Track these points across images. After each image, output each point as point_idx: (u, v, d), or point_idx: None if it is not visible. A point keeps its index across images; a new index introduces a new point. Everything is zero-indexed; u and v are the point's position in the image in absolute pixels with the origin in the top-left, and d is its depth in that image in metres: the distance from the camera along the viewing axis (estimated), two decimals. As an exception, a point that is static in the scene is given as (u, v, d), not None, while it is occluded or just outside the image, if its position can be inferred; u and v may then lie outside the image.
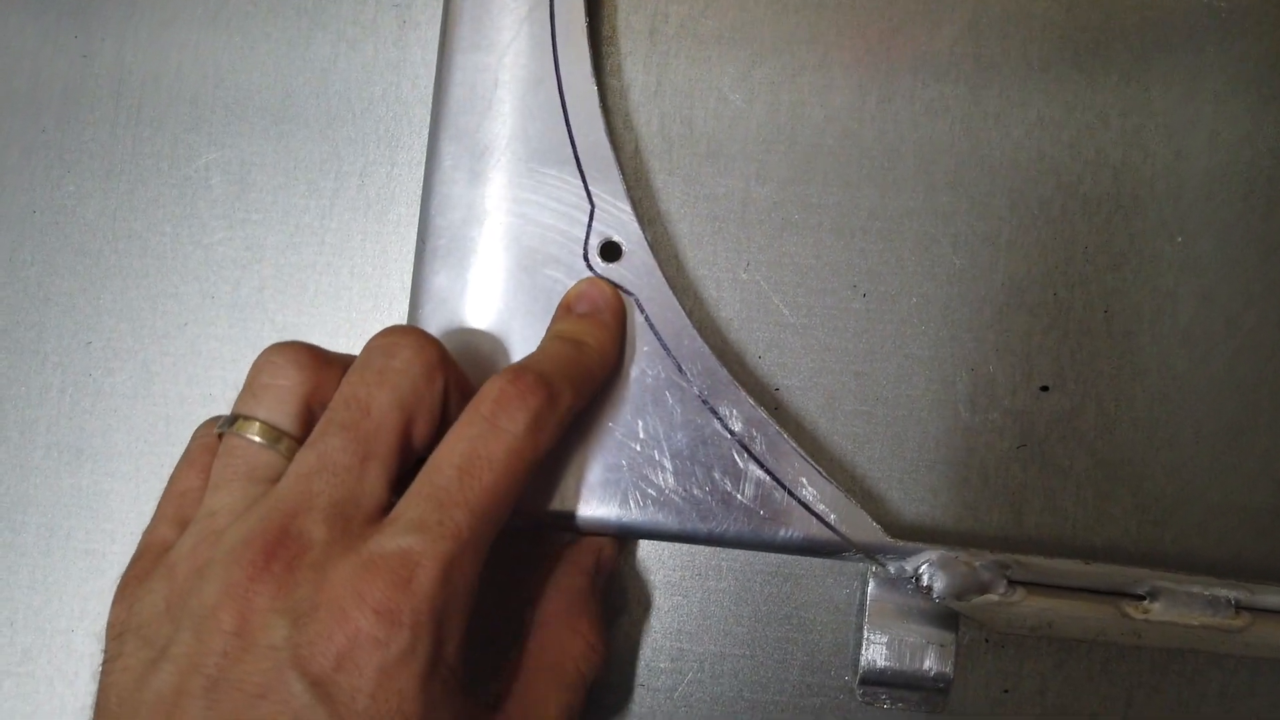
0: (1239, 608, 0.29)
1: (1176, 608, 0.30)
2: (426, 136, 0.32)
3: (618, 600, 0.32)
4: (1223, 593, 0.29)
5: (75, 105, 0.35)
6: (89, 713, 0.33)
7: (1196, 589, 0.30)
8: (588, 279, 0.30)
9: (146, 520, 0.33)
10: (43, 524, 0.33)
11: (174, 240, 0.34)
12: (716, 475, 0.30)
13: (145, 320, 0.34)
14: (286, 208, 0.34)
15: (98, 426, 0.34)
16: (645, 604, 0.32)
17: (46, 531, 0.33)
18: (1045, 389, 0.32)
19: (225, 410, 0.32)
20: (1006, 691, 0.32)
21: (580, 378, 0.28)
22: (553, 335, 0.30)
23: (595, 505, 0.30)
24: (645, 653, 0.32)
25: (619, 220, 0.31)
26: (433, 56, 0.33)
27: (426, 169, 0.31)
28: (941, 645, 0.31)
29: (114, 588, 0.33)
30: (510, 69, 0.31)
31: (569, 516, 0.30)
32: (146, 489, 0.33)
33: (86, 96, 0.35)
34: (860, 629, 0.31)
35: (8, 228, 0.34)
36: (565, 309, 0.30)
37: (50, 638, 0.33)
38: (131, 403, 0.34)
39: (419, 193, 0.32)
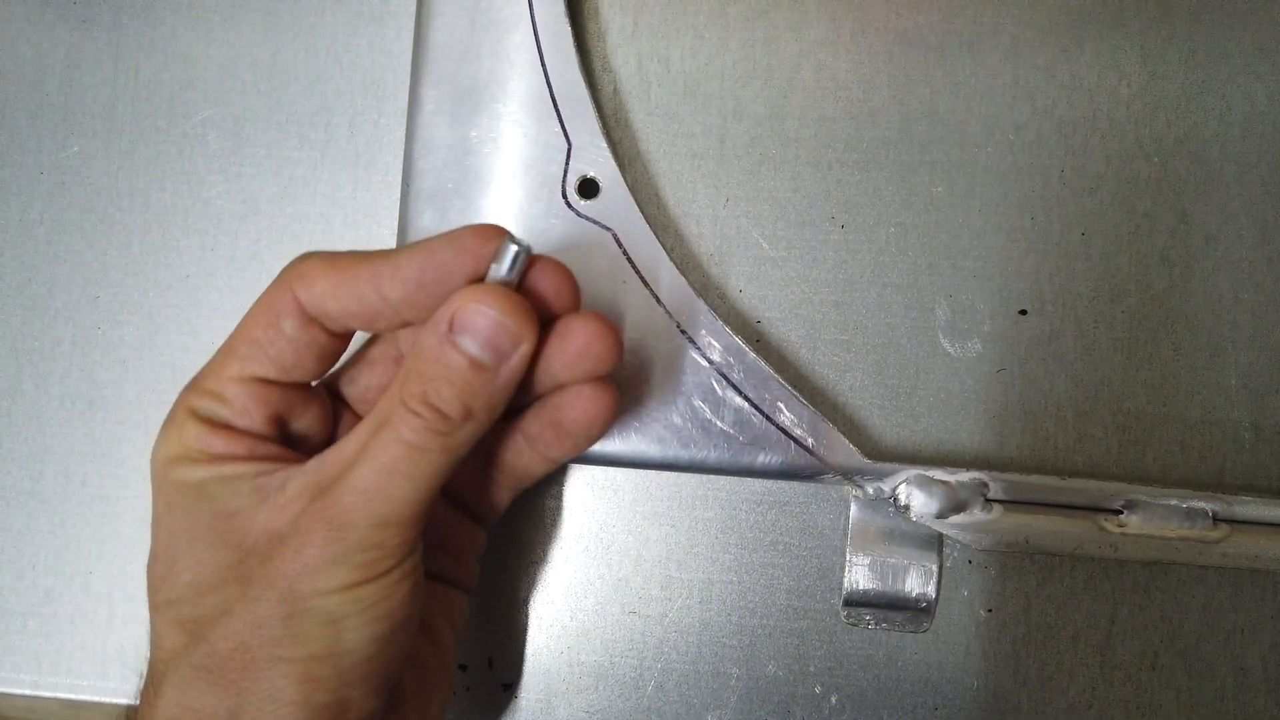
0: (1216, 519, 0.30)
1: (1153, 520, 0.30)
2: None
3: (607, 532, 0.33)
4: (1199, 504, 0.30)
5: (76, 69, 0.36)
6: (107, 650, 0.34)
7: (1173, 501, 0.30)
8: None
9: (156, 464, 0.35)
10: (59, 472, 0.35)
11: (174, 196, 0.35)
12: (696, 403, 0.31)
13: (149, 274, 0.35)
14: (279, 160, 0.35)
15: (108, 377, 0.35)
16: (634, 534, 0.33)
17: (63, 479, 0.35)
18: (1024, 313, 0.32)
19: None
20: (990, 611, 0.32)
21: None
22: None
23: (579, 435, 0.31)
24: (635, 581, 0.33)
25: (596, 158, 0.31)
26: (414, 6, 0.33)
27: (409, 114, 0.32)
28: (924, 566, 0.31)
29: (128, 530, 0.35)
30: (486, 13, 0.32)
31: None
32: (154, 436, 0.35)
33: (87, 60, 0.36)
34: (844, 552, 0.32)
35: (18, 189, 0.36)
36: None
37: (70, 579, 0.35)
38: (139, 353, 0.35)
39: (403, 140, 0.33)
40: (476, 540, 0.31)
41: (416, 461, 0.24)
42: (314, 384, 0.28)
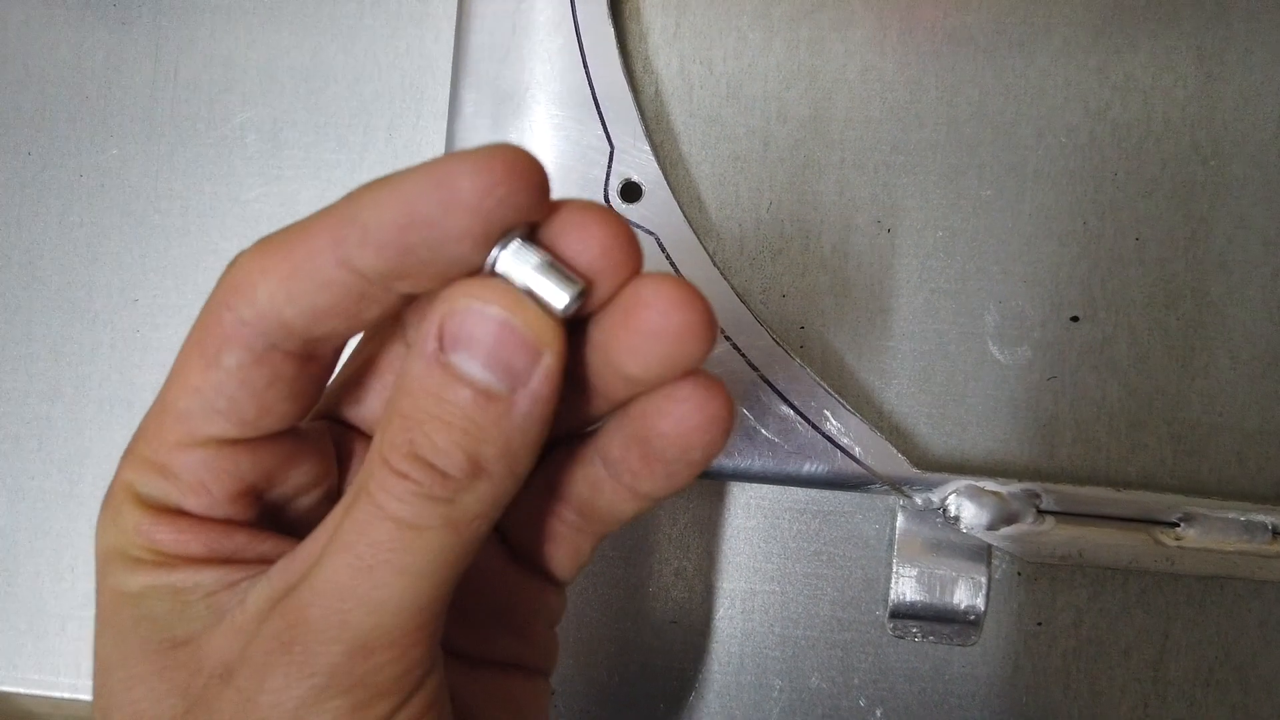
0: (1276, 533, 0.29)
1: (1211, 534, 0.29)
2: (449, 86, 0.33)
3: (649, 542, 0.33)
4: (1259, 518, 0.29)
5: (116, 72, 0.36)
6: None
7: (1231, 514, 0.29)
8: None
9: (194, 469, 0.35)
10: (98, 475, 0.35)
11: (213, 198, 0.35)
12: (740, 410, 0.30)
13: (188, 276, 0.35)
14: (318, 163, 0.35)
15: (146, 380, 0.35)
16: (676, 543, 0.33)
17: (102, 482, 0.35)
18: (1075, 319, 0.32)
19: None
20: (1040, 624, 0.31)
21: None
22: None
23: (621, 442, 0.30)
24: (677, 591, 0.33)
25: (639, 161, 0.31)
26: (454, 8, 0.33)
27: (449, 117, 0.32)
28: (972, 578, 0.31)
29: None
30: (528, 15, 0.31)
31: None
32: (194, 439, 0.35)
33: (126, 63, 0.36)
34: (890, 563, 0.31)
35: (57, 191, 0.36)
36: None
37: (109, 583, 0.35)
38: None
39: (444, 143, 0.33)
40: (550, 606, 0.23)
41: (410, 547, 0.17)
42: (302, 424, 0.20)
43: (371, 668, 0.17)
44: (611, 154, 0.31)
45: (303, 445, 0.20)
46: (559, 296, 0.17)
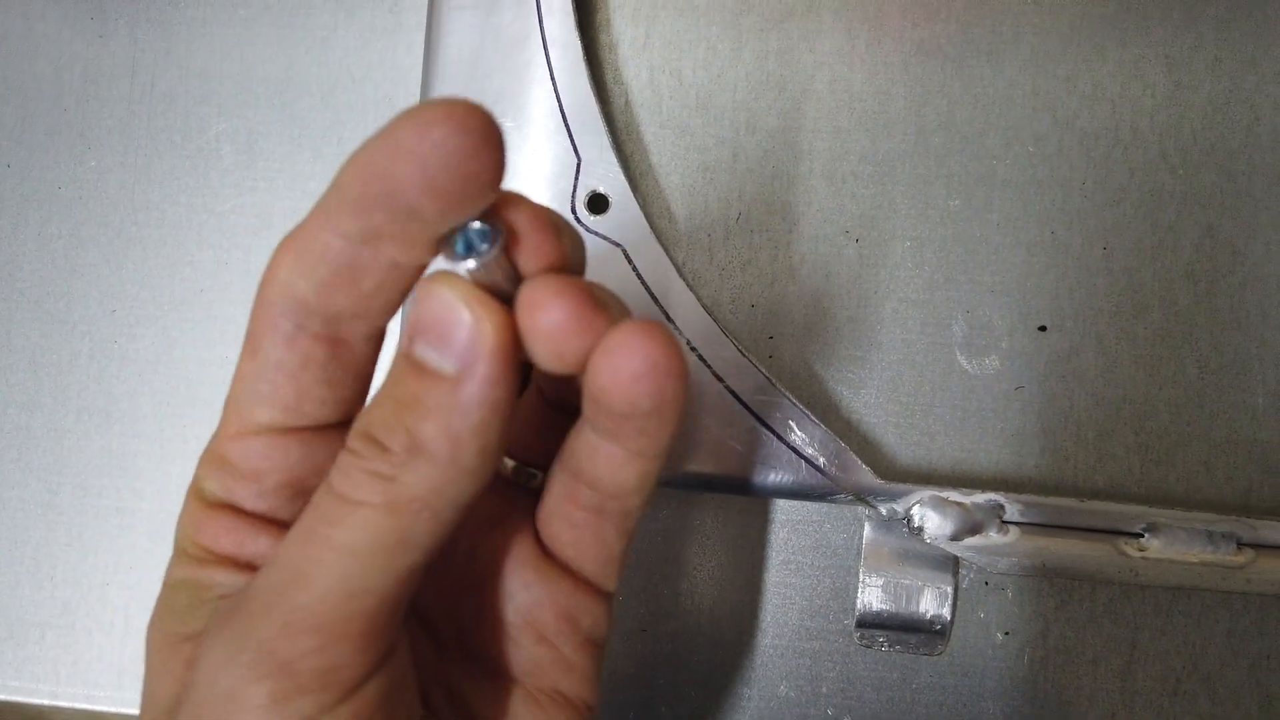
0: (1240, 544, 0.29)
1: (1175, 545, 0.29)
2: (420, 98, 0.33)
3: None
4: (1223, 528, 0.29)
5: (94, 84, 0.36)
6: (124, 660, 0.35)
7: (1196, 525, 0.29)
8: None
9: (171, 479, 0.35)
10: (77, 484, 0.35)
11: (189, 210, 0.35)
12: (706, 421, 0.30)
13: (164, 288, 0.35)
14: (293, 174, 0.35)
15: (124, 390, 0.35)
16: (644, 553, 0.33)
17: (80, 491, 0.35)
18: (1043, 329, 0.32)
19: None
20: (1007, 634, 0.31)
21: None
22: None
23: (587, 453, 0.30)
24: (646, 598, 0.33)
25: (606, 173, 0.31)
26: (424, 20, 0.33)
27: (418, 130, 0.32)
28: (939, 588, 0.31)
29: (145, 542, 0.35)
30: (496, 28, 0.32)
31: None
32: (170, 449, 0.35)
33: (104, 76, 0.36)
34: (858, 573, 0.31)
35: (36, 203, 0.36)
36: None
37: (87, 591, 0.35)
38: (154, 367, 0.35)
39: (415, 154, 0.33)
40: (588, 618, 0.22)
41: (345, 522, 0.17)
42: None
43: (296, 653, 0.16)
44: (579, 166, 0.31)
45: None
46: (468, 268, 0.17)
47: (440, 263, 0.18)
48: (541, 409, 0.23)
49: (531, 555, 0.21)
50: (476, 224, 0.17)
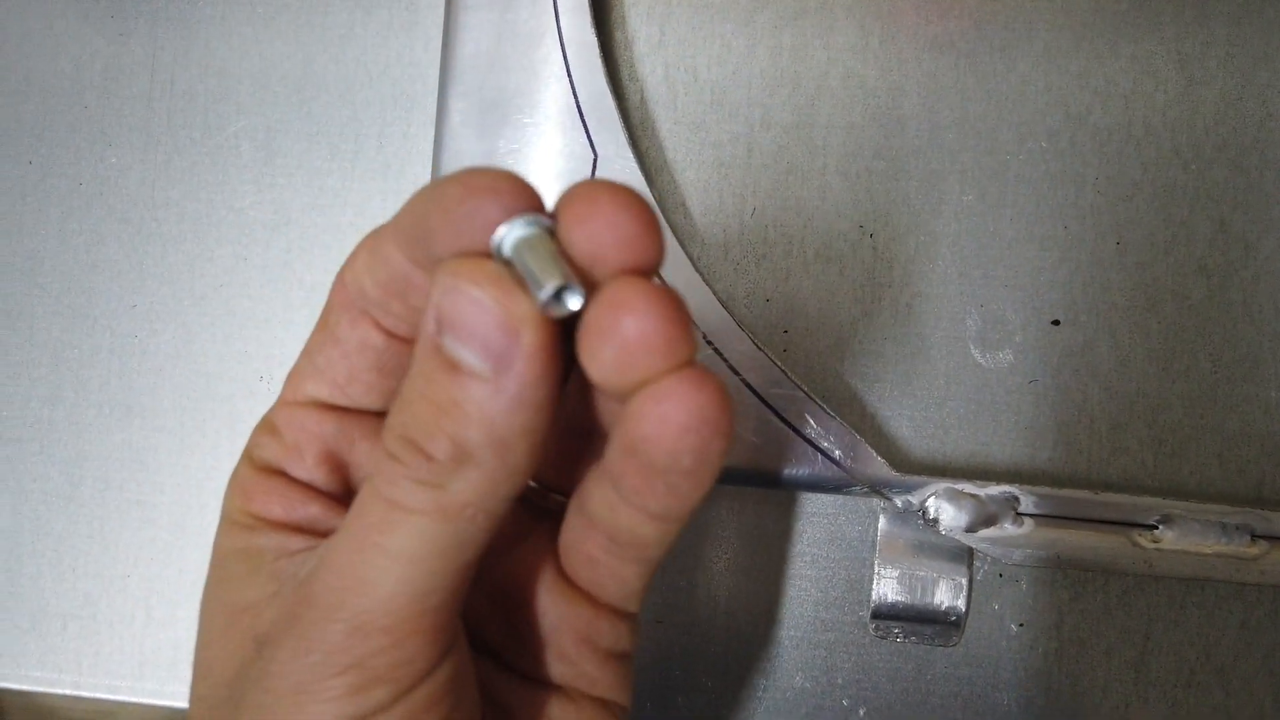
0: (1254, 536, 0.29)
1: (1189, 536, 0.29)
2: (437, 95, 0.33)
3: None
4: (1237, 520, 0.29)
5: (114, 82, 0.37)
6: (144, 652, 0.35)
7: (1210, 517, 0.29)
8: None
9: (191, 473, 0.35)
10: (98, 477, 0.36)
11: (208, 206, 0.36)
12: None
13: (184, 283, 0.36)
14: (310, 171, 0.35)
15: (144, 384, 0.36)
16: (661, 544, 0.33)
17: (101, 484, 0.36)
18: (1056, 323, 0.32)
19: (261, 367, 0.34)
20: (1021, 625, 0.32)
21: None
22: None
23: (605, 445, 0.31)
24: (661, 590, 0.33)
25: (622, 169, 0.31)
26: (442, 17, 0.34)
27: (437, 126, 0.32)
28: (954, 579, 0.31)
29: (165, 535, 0.35)
30: (513, 25, 0.32)
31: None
32: (190, 442, 0.35)
33: (124, 73, 0.37)
34: (872, 564, 0.31)
35: (57, 200, 0.36)
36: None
37: (108, 583, 0.35)
38: (174, 361, 0.36)
39: (432, 150, 0.33)
40: (607, 640, 0.21)
41: (399, 530, 0.17)
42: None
43: (368, 651, 0.17)
44: (595, 161, 0.31)
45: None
46: (538, 284, 0.16)
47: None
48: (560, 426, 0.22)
49: (551, 578, 0.21)
50: (519, 226, 0.16)
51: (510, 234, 0.16)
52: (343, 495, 0.20)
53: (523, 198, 0.16)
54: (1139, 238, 0.32)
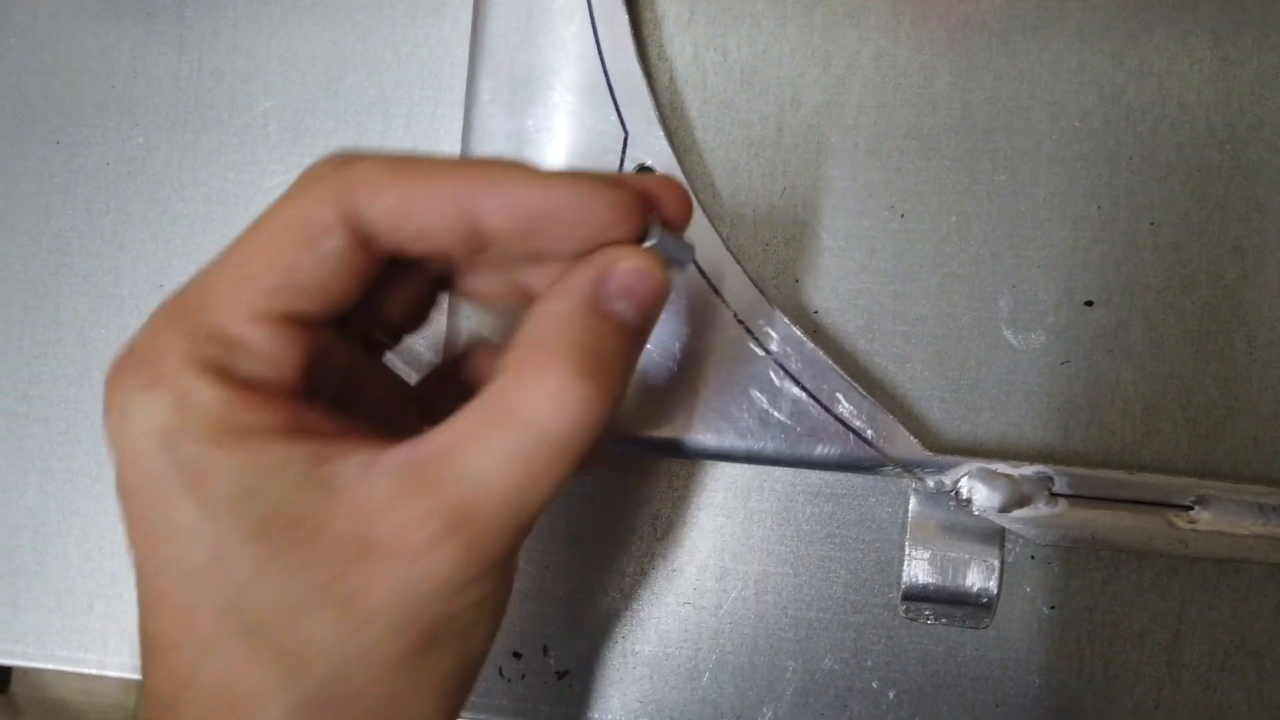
0: (1291, 516, 0.29)
1: (1225, 516, 0.29)
2: (466, 74, 0.33)
3: (662, 522, 0.33)
4: (1274, 501, 0.29)
5: (142, 62, 0.36)
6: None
7: (1247, 497, 0.29)
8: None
9: (217, 451, 0.35)
10: (124, 457, 0.36)
11: (236, 186, 0.36)
12: (754, 394, 0.30)
13: (211, 263, 0.36)
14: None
15: (171, 364, 0.36)
16: (690, 524, 0.33)
17: (128, 464, 0.36)
18: (1089, 304, 0.32)
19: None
20: (1053, 607, 0.31)
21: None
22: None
23: (633, 425, 0.31)
24: (690, 572, 0.33)
25: (653, 147, 0.31)
26: (471, -4, 0.34)
27: (466, 104, 0.32)
28: (985, 561, 0.31)
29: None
30: (544, 2, 0.32)
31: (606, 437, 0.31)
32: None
33: (151, 54, 0.37)
34: (903, 546, 0.31)
35: (85, 179, 0.36)
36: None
37: (134, 563, 0.35)
38: (201, 341, 0.36)
39: (461, 130, 0.33)
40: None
41: (555, 447, 0.20)
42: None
43: (519, 540, 0.20)
44: (625, 139, 0.31)
45: (337, 340, 0.22)
46: (677, 263, 0.23)
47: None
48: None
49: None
50: (659, 224, 0.22)
51: (653, 229, 0.22)
52: (311, 399, 0.21)
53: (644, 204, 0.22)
54: (1173, 218, 0.32)
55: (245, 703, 0.19)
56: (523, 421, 0.19)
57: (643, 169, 0.31)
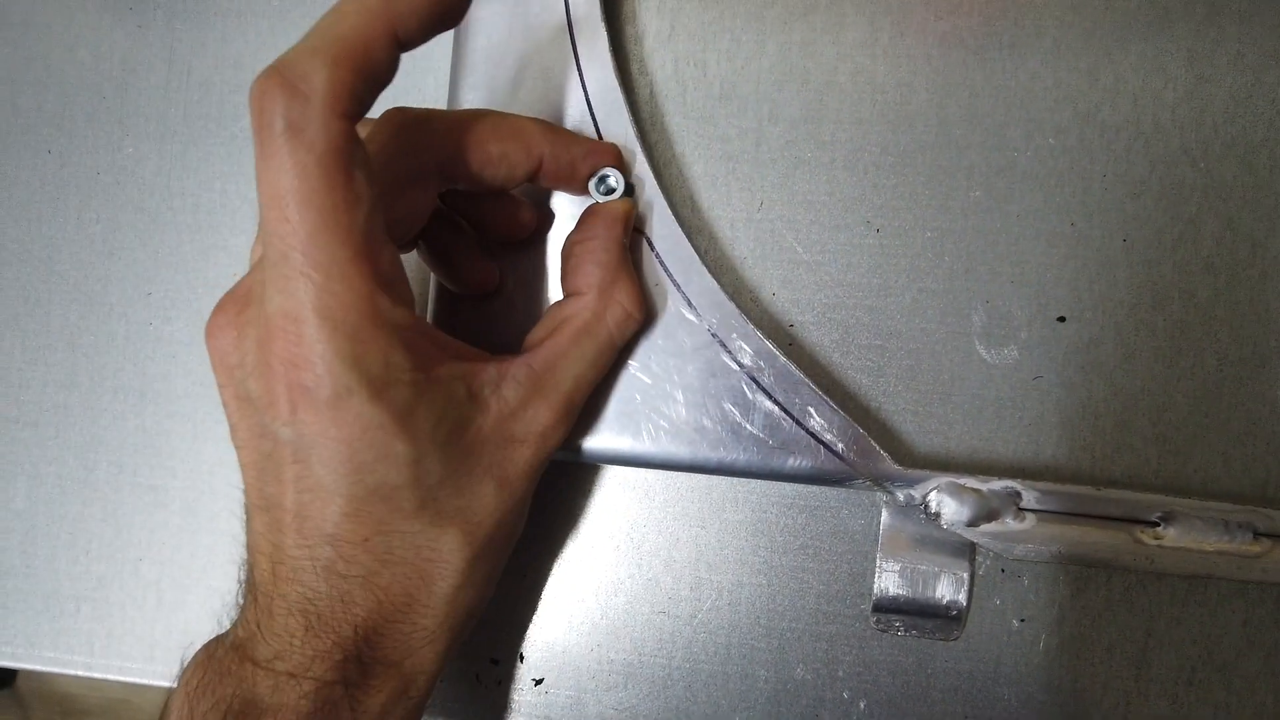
0: (1257, 533, 0.29)
1: (1192, 533, 0.29)
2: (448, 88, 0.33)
3: (638, 532, 0.33)
4: (1240, 518, 0.29)
5: (132, 73, 0.37)
6: (155, 634, 0.36)
7: (1213, 514, 0.29)
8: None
9: (203, 458, 0.36)
10: (112, 462, 0.36)
11: (222, 195, 0.36)
12: (726, 406, 0.31)
13: (199, 271, 0.36)
14: (324, 162, 0.36)
15: (158, 371, 0.36)
16: (665, 535, 0.33)
17: (115, 469, 0.36)
18: (1062, 320, 0.32)
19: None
20: (1023, 620, 0.32)
21: None
22: None
23: (609, 437, 0.31)
24: (665, 581, 0.33)
25: (630, 161, 0.32)
26: (454, 11, 0.34)
27: (447, 118, 0.33)
28: (955, 574, 0.31)
29: (177, 520, 0.36)
30: (524, 18, 0.32)
31: (578, 450, 0.31)
32: (203, 429, 0.36)
33: (142, 65, 0.37)
34: (875, 558, 0.32)
35: (75, 188, 0.37)
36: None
37: (121, 566, 0.36)
38: (188, 349, 0.36)
39: (443, 142, 0.34)
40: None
41: (616, 350, 0.30)
42: None
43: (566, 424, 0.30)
44: (604, 154, 0.32)
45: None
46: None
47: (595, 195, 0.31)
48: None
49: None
50: (611, 177, 0.30)
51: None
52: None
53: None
54: (1146, 235, 0.32)
55: (437, 561, 0.27)
56: (606, 335, 0.29)
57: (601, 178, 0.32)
